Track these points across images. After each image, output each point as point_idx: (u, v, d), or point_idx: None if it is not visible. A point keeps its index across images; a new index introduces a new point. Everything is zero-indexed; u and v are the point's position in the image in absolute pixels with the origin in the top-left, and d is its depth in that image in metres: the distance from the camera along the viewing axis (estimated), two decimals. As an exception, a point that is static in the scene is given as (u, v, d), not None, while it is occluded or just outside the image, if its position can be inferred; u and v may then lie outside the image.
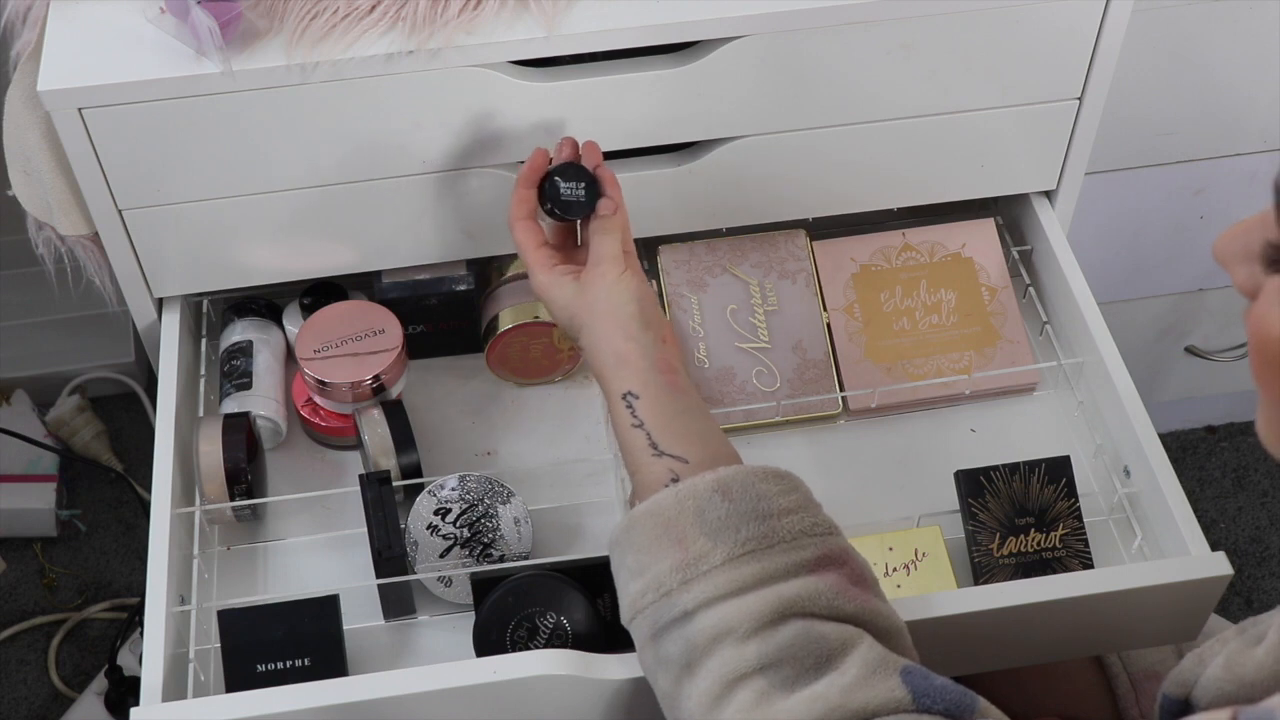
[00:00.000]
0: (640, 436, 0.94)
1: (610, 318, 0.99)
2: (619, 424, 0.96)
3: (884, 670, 0.82)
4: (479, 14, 1.08)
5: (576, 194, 1.04)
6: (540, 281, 1.04)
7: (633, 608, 0.89)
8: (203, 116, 1.08)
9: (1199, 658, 0.85)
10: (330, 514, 1.20)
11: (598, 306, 1.00)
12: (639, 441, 0.94)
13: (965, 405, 1.26)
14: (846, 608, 0.86)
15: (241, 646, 1.05)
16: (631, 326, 0.98)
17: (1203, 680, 0.83)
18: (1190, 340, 1.79)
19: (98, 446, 1.90)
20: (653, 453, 0.93)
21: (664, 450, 0.93)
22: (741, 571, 0.85)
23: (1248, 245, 0.67)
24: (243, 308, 1.29)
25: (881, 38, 1.13)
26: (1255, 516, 1.94)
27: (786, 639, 0.83)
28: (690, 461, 0.92)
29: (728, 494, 0.88)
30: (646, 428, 0.94)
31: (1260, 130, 1.51)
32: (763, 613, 0.84)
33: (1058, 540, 1.14)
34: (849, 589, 0.87)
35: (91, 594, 1.84)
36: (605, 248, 1.02)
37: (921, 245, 1.30)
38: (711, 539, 0.87)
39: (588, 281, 1.01)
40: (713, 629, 0.84)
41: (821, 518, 0.90)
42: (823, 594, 0.85)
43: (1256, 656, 0.80)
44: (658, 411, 0.95)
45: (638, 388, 0.96)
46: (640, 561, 0.89)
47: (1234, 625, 0.87)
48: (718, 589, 0.85)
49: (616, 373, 0.97)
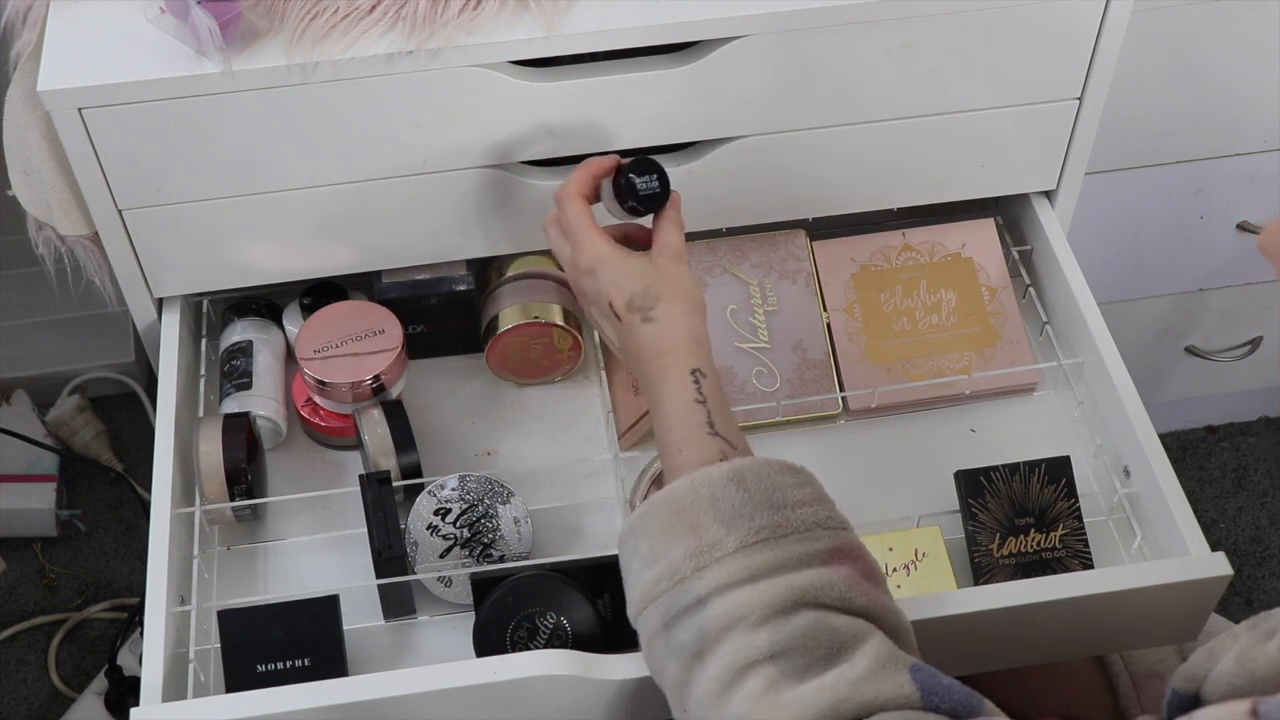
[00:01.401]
0: (700, 413, 0.95)
1: (690, 299, 1.01)
2: (676, 400, 0.96)
3: (893, 665, 0.82)
4: (479, 14, 1.08)
5: (651, 187, 1.05)
6: (605, 252, 1.03)
7: (645, 597, 0.89)
8: (203, 116, 1.08)
9: (1210, 652, 0.85)
10: (330, 514, 1.20)
11: (680, 286, 1.01)
12: (697, 418, 0.95)
13: (965, 405, 1.26)
14: (858, 601, 0.86)
15: (241, 646, 1.05)
16: (702, 312, 1.02)
17: (1213, 675, 0.83)
18: (1190, 340, 1.79)
19: (98, 446, 1.90)
20: (709, 430, 0.94)
21: (719, 431, 0.94)
22: (754, 559, 0.86)
23: None
24: (243, 308, 1.29)
25: (881, 38, 1.13)
26: (1255, 516, 1.94)
27: (798, 628, 0.84)
28: (738, 448, 0.94)
29: (742, 483, 0.89)
30: (709, 405, 0.96)
31: (1260, 130, 1.51)
32: (775, 601, 0.84)
33: (1058, 540, 1.14)
34: (861, 583, 0.87)
35: (91, 594, 1.84)
36: (677, 237, 1.04)
37: (921, 245, 1.30)
38: (725, 526, 0.87)
39: (665, 263, 1.03)
40: (725, 616, 0.85)
41: (835, 512, 0.91)
42: (835, 585, 0.86)
43: (1269, 651, 0.80)
44: (716, 394, 0.97)
45: (705, 368, 0.98)
46: (654, 549, 0.89)
47: (1245, 620, 0.87)
48: (730, 576, 0.86)
49: (691, 349, 0.98)
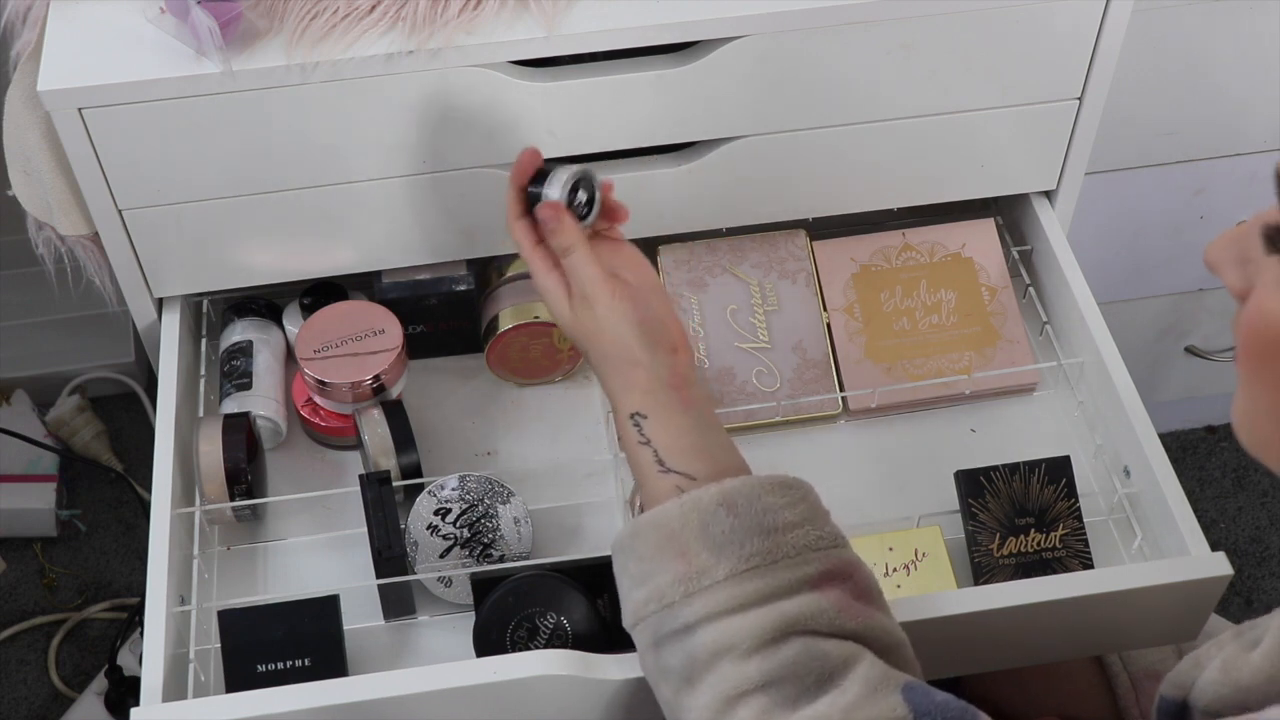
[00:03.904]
0: (648, 453, 0.94)
1: (611, 345, 0.96)
2: (626, 441, 0.95)
3: (885, 688, 0.82)
4: (479, 14, 1.08)
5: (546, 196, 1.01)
6: (542, 285, 1.01)
7: (635, 614, 0.89)
8: (203, 116, 1.08)
9: (1196, 660, 0.85)
10: (330, 514, 1.20)
11: (595, 336, 0.97)
12: (646, 458, 0.94)
13: (965, 405, 1.26)
14: (849, 625, 0.86)
15: (242, 646, 1.05)
16: (634, 350, 0.96)
17: (1199, 683, 0.84)
18: (1190, 340, 1.79)
19: (98, 446, 1.90)
20: (660, 469, 0.93)
21: (670, 467, 0.93)
22: (744, 588, 0.85)
23: (1240, 250, 0.68)
24: (243, 308, 1.29)
25: (881, 38, 1.13)
26: (1255, 516, 1.94)
27: (788, 657, 0.83)
28: (697, 479, 0.92)
29: (732, 508, 0.88)
30: (654, 445, 0.94)
31: (1260, 130, 1.51)
32: (765, 630, 0.84)
33: (1058, 540, 1.14)
34: (852, 605, 0.87)
35: (91, 594, 1.84)
36: (584, 279, 0.97)
37: (921, 245, 1.30)
38: (715, 554, 0.86)
39: (579, 313, 0.98)
40: (714, 644, 0.84)
41: (828, 529, 0.90)
42: (825, 611, 0.85)
43: (1253, 661, 0.80)
44: (666, 429, 0.94)
45: (645, 408, 0.95)
46: (643, 570, 0.89)
47: (1232, 628, 0.87)
48: (720, 604, 0.85)
49: (623, 396, 0.96)
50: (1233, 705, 0.80)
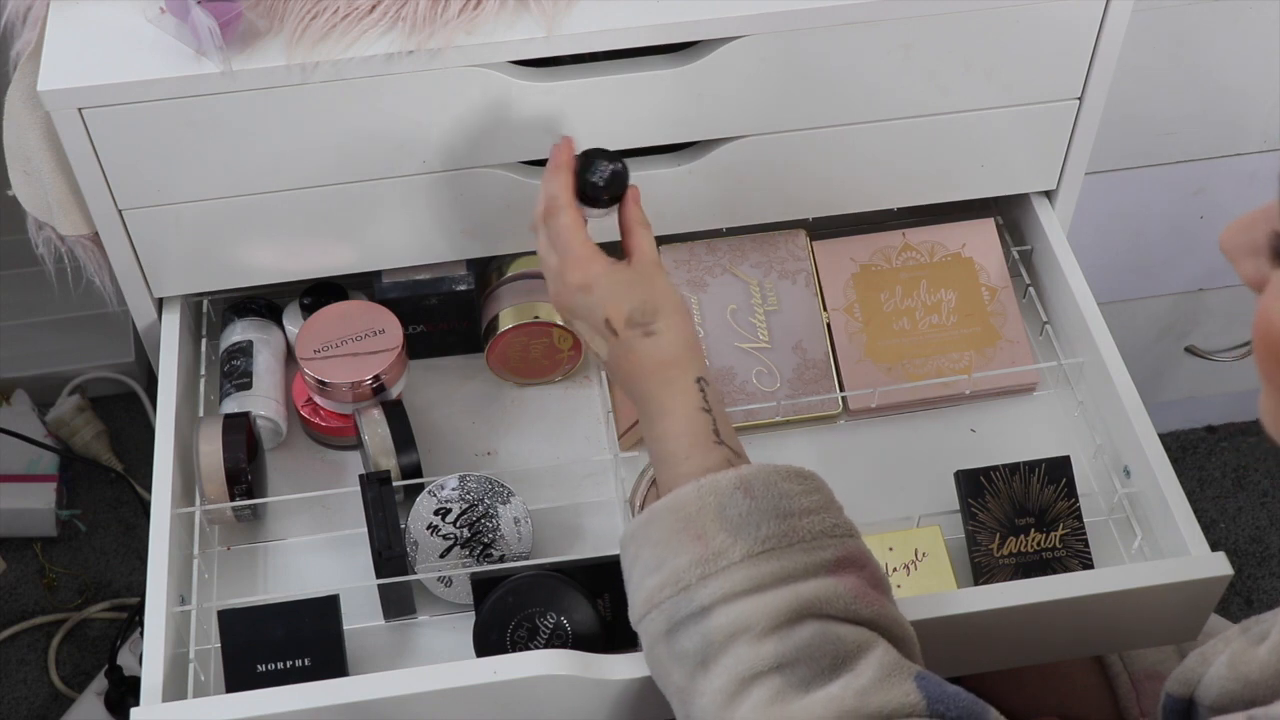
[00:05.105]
0: (706, 421, 0.94)
1: (681, 307, 0.99)
2: (680, 410, 0.95)
3: (899, 675, 0.82)
4: (479, 14, 1.08)
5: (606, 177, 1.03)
6: (598, 269, 0.99)
7: (648, 602, 0.89)
8: (203, 116, 1.08)
9: (1202, 657, 0.85)
10: (330, 514, 1.20)
11: (670, 295, 0.99)
12: (703, 426, 0.94)
13: (965, 405, 1.26)
14: (864, 611, 0.86)
15: (242, 646, 1.05)
16: (691, 318, 1.00)
17: (1206, 679, 0.83)
18: (1190, 340, 1.79)
19: (98, 446, 1.90)
20: (715, 439, 0.93)
21: (724, 439, 0.93)
22: (761, 569, 0.85)
23: (1254, 239, 0.67)
24: (243, 308, 1.29)
25: (881, 38, 1.13)
26: (1255, 516, 1.94)
27: (803, 639, 0.83)
28: (741, 456, 0.93)
29: (750, 491, 0.88)
30: (713, 413, 0.94)
31: (1260, 130, 1.51)
32: (780, 611, 0.84)
33: (1058, 540, 1.14)
34: (867, 592, 0.87)
35: (91, 594, 1.84)
36: (652, 243, 1.02)
37: (921, 245, 1.30)
38: (732, 535, 0.87)
39: (651, 272, 1.00)
40: (730, 625, 0.84)
41: (842, 520, 0.90)
42: (841, 596, 0.85)
43: (1260, 656, 0.80)
44: (718, 401, 0.96)
45: (707, 376, 0.97)
46: (658, 556, 0.89)
47: (1237, 624, 0.87)
48: (736, 585, 0.85)
49: (694, 358, 0.97)
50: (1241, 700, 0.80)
